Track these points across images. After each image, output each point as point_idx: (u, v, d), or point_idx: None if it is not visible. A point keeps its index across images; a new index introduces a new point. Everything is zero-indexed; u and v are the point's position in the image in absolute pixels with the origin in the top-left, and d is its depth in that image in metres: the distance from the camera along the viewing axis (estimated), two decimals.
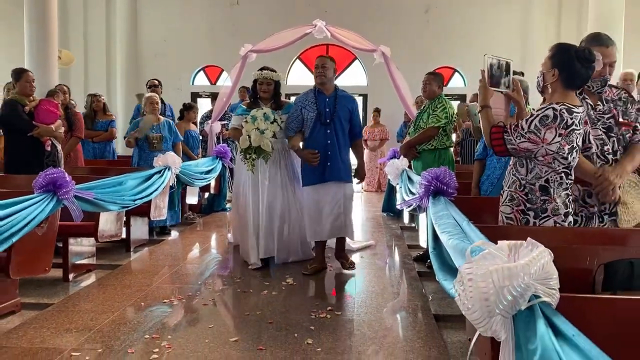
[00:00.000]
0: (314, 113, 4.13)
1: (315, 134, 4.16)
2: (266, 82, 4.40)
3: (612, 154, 2.66)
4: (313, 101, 4.17)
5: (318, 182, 4.16)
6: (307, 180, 4.23)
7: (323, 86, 4.19)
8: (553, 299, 1.26)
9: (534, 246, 1.32)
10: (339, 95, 4.23)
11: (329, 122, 4.11)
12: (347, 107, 4.24)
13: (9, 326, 3.05)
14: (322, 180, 4.15)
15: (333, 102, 4.17)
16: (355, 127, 4.32)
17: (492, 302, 1.25)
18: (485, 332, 1.31)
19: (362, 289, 3.88)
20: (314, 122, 4.14)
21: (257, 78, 4.45)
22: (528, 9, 11.09)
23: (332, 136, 4.12)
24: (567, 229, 2.47)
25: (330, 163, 4.12)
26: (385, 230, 6.15)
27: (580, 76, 2.44)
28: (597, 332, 1.20)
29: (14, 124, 4.76)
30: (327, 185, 4.16)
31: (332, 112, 4.13)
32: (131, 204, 4.20)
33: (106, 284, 3.90)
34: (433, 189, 3.17)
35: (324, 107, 4.15)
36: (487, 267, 1.29)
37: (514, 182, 2.59)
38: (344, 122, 4.19)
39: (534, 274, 1.25)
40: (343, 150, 4.22)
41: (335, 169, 4.14)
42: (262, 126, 4.11)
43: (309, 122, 4.16)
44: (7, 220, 2.88)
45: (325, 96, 4.18)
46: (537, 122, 2.41)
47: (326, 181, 4.15)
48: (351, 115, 4.25)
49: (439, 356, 2.70)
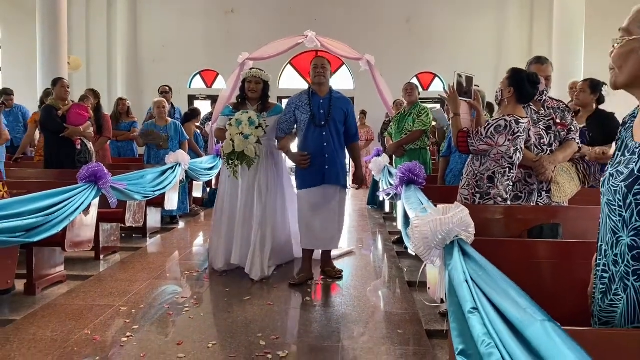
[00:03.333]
0: (308, 115, 3.99)
1: (310, 137, 4.01)
2: (255, 81, 4.22)
3: (548, 146, 3.43)
4: (307, 102, 4.03)
5: (315, 185, 4.00)
6: (303, 184, 4.06)
7: (319, 87, 4.05)
8: (468, 238, 1.99)
9: (458, 207, 2.06)
10: (333, 96, 4.08)
11: (324, 124, 3.99)
12: (343, 109, 4.08)
13: (61, 291, 3.74)
14: (318, 183, 4.00)
15: (327, 104, 4.03)
16: (351, 130, 4.17)
17: (430, 240, 1.99)
18: (427, 261, 2.05)
19: (350, 264, 4.62)
20: (308, 125, 4.00)
21: (246, 77, 4.29)
22: (502, 18, 11.95)
23: (327, 139, 3.99)
24: (507, 205, 3.23)
25: (328, 166, 3.99)
26: (369, 220, 6.92)
27: (529, 94, 3.21)
28: (505, 265, 1.92)
29: (48, 126, 5.44)
30: (324, 189, 4.02)
31: (327, 114, 4.00)
32: (151, 194, 4.90)
33: (131, 262, 4.60)
34: (406, 179, 3.91)
35: (317, 109, 4.01)
36: (427, 219, 2.03)
37: (470, 172, 3.35)
38: (339, 125, 4.05)
39: (456, 222, 1.99)
40: (339, 154, 4.09)
41: (334, 172, 4.01)
42: (246, 131, 3.95)
43: (303, 124, 4.02)
44: (62, 205, 3.56)
45: (319, 98, 4.04)
46: (492, 129, 3.16)
47: (322, 185, 4.01)
48: (346, 118, 4.11)
49: (408, 308, 3.46)
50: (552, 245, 2.31)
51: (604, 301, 1.44)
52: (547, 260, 2.23)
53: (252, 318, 3.22)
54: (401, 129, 5.66)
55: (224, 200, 4.33)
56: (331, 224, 4.06)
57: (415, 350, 2.79)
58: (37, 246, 3.60)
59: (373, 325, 3.17)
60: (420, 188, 3.82)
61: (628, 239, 1.35)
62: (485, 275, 1.56)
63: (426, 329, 3.06)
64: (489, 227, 2.91)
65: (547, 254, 2.25)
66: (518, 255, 2.27)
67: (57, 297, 3.60)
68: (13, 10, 10.66)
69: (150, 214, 5.69)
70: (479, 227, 2.56)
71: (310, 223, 4.03)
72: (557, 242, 2.50)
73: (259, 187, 4.18)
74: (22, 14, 10.39)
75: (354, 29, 11.34)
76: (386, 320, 3.27)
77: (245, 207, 4.19)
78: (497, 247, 2.24)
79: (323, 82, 4.05)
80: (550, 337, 1.12)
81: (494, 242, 2.32)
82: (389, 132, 5.88)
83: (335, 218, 4.08)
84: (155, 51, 12.11)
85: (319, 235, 4.04)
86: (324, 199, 4.03)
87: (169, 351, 2.73)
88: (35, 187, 4.01)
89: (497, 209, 3.05)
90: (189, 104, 11.71)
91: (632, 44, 1.38)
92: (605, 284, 1.44)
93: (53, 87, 5.65)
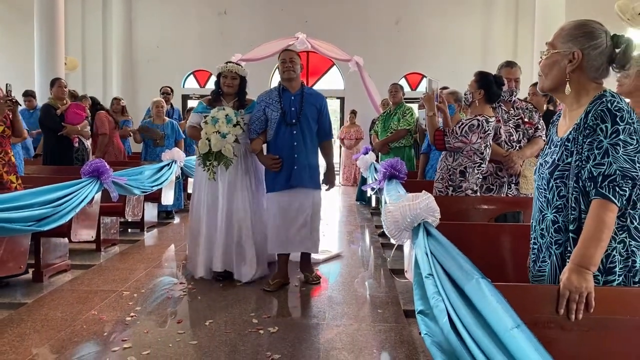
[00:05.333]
0: (278, 113, 3.76)
1: (279, 136, 3.78)
2: (231, 76, 3.95)
3: (517, 143, 3.75)
4: (277, 100, 3.80)
5: (283, 188, 3.80)
6: (271, 187, 3.87)
7: (290, 82, 3.82)
8: (434, 222, 2.30)
9: (425, 195, 2.36)
10: (305, 92, 3.85)
11: (295, 122, 3.75)
12: (315, 105, 3.85)
13: (66, 279, 4.01)
14: (287, 186, 3.79)
15: (299, 100, 3.79)
16: (325, 127, 3.94)
17: (400, 223, 2.29)
18: (398, 241, 2.36)
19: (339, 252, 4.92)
20: (278, 123, 3.77)
21: (221, 71, 3.99)
22: (488, 20, 12.30)
23: (298, 138, 3.76)
24: (476, 197, 3.55)
25: (296, 167, 3.76)
26: (357, 214, 7.23)
27: (496, 94, 3.53)
28: (469, 245, 2.22)
29: (47, 124, 5.70)
30: (293, 192, 3.80)
31: (298, 111, 3.77)
32: (149, 189, 5.18)
33: (130, 253, 4.87)
34: (388, 174, 4.22)
35: (289, 106, 3.77)
36: (398, 206, 2.33)
37: (443, 167, 3.66)
38: (311, 122, 3.82)
39: (423, 208, 2.29)
40: (311, 154, 3.86)
41: (302, 174, 3.78)
42: (223, 129, 3.72)
43: (273, 122, 3.79)
44: (69, 198, 3.83)
45: (290, 94, 3.81)
46: (467, 128, 3.46)
47: (292, 187, 3.79)
48: (319, 114, 3.87)
49: (389, 291, 3.76)
50: (510, 228, 2.63)
51: (535, 268, 1.75)
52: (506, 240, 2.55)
53: (244, 300, 3.52)
54: (387, 128, 6.03)
55: (202, 206, 3.99)
56: (303, 227, 3.81)
57: (392, 326, 3.10)
58: (45, 236, 3.87)
59: (356, 306, 3.47)
60: (402, 182, 4.13)
61: (551, 215, 1.66)
62: (442, 249, 1.87)
63: (404, 309, 3.37)
64: (461, 216, 3.21)
65: (505, 236, 2.56)
66: (481, 237, 2.59)
67: (63, 284, 3.87)
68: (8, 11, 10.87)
69: (148, 209, 5.95)
70: (452, 216, 2.91)
71: (280, 226, 3.81)
72: (513, 225, 2.82)
73: (241, 188, 3.94)
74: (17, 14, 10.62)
75: (343, 30, 11.65)
76: (368, 302, 3.57)
77: (228, 210, 3.91)
78: (463, 230, 2.55)
79: (293, 77, 3.80)
80: (481, 290, 1.43)
81: (460, 225, 2.63)
82: (375, 130, 6.20)
83: (308, 220, 3.83)
84: (150, 51, 12.35)
85: (290, 238, 3.81)
86: (294, 201, 3.81)
87: (169, 328, 3.02)
88: (37, 182, 4.28)
89: (467, 199, 3.37)
90: (182, 103, 11.97)
91: (556, 56, 1.68)
92: (535, 253, 1.75)
93: (51, 88, 5.91)
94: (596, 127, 1.55)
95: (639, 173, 1.50)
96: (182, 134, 6.88)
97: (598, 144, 1.54)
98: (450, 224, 2.46)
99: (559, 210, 1.64)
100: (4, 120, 3.80)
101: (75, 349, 2.72)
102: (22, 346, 2.73)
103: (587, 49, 1.63)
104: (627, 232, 1.57)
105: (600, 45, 1.63)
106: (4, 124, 3.80)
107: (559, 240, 1.64)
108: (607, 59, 1.65)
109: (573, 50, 1.64)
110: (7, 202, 3.15)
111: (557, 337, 1.43)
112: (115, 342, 2.79)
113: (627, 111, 1.55)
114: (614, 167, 1.50)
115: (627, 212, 1.57)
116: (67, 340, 2.82)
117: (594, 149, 1.54)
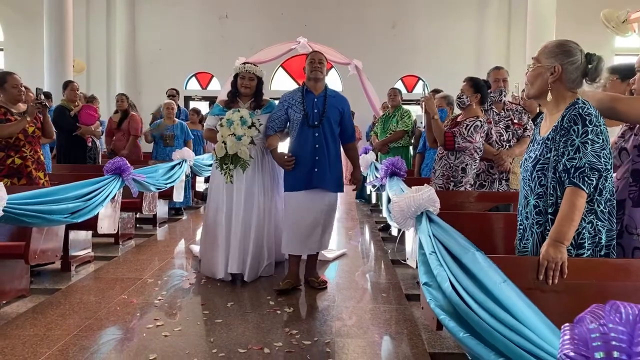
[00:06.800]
0: (301, 114, 3.75)
1: (302, 137, 3.76)
2: (248, 77, 3.96)
3: (507, 142, 4.10)
4: (300, 101, 3.78)
5: (303, 189, 3.77)
6: (290, 186, 3.83)
7: (315, 83, 3.80)
8: (435, 210, 2.63)
9: (427, 187, 2.70)
10: (328, 95, 3.83)
11: (317, 124, 3.74)
12: (338, 108, 3.84)
13: (91, 269, 4.33)
14: (307, 187, 3.76)
15: (322, 102, 3.78)
16: (348, 130, 3.94)
17: (405, 212, 2.62)
18: (404, 228, 2.70)
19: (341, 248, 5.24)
20: (301, 124, 3.76)
21: (239, 72, 4.00)
22: (482, 25, 12.70)
23: (320, 140, 3.74)
24: (473, 191, 3.90)
25: (317, 169, 3.73)
26: (358, 211, 7.59)
27: (487, 97, 3.89)
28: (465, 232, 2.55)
29: (61, 125, 5.99)
30: (312, 193, 3.77)
31: (321, 113, 3.75)
32: (163, 186, 5.49)
33: (147, 245, 5.19)
34: (390, 172, 4.56)
35: (311, 107, 3.76)
36: (403, 197, 2.67)
37: (445, 165, 4.01)
38: (334, 125, 3.80)
39: (425, 199, 2.63)
40: (333, 157, 3.80)
41: (323, 176, 3.75)
42: (239, 132, 3.74)
43: (295, 124, 3.79)
44: (96, 193, 4.14)
45: (313, 96, 3.79)
46: (472, 130, 3.81)
47: (311, 188, 3.77)
48: (342, 117, 3.86)
49: (391, 278, 4.10)
50: (502, 216, 2.98)
51: (520, 245, 2.10)
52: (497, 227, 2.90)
53: (261, 286, 3.84)
54: (386, 129, 6.41)
55: (219, 209, 4.00)
56: (316, 230, 3.80)
57: (396, 307, 3.43)
58: (73, 229, 4.18)
59: (362, 291, 3.81)
60: (402, 179, 4.47)
61: (533, 200, 2.00)
62: (442, 231, 2.20)
63: (405, 293, 3.70)
64: (458, 208, 3.56)
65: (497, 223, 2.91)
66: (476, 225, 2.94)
67: (90, 273, 4.18)
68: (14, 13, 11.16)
69: (160, 206, 6.26)
70: (450, 208, 3.26)
71: (295, 227, 3.80)
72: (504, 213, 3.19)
73: (257, 190, 3.98)
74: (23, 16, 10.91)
75: (342, 34, 12.01)
76: (373, 287, 3.91)
77: (245, 212, 3.94)
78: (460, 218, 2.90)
79: (320, 78, 3.80)
80: (476, 260, 1.77)
81: (458, 214, 2.98)
82: (375, 131, 6.57)
83: (322, 221, 3.82)
84: (153, 54, 12.65)
85: (305, 239, 3.80)
86: (311, 203, 3.77)
87: (195, 309, 3.34)
88: (60, 179, 4.60)
89: (466, 194, 3.73)
90: (184, 104, 12.27)
91: (540, 69, 2.03)
92: (521, 233, 2.10)
93: (64, 90, 6.21)
94: (570, 128, 1.89)
95: (603, 166, 1.85)
96: (190, 135, 7.20)
97: (571, 142, 1.88)
98: (448, 213, 2.80)
99: (540, 197, 1.98)
100: (34, 121, 4.10)
101: (113, 326, 3.04)
102: (64, 324, 3.05)
103: (565, 64, 1.98)
104: (595, 215, 1.92)
105: (577, 62, 1.98)
106: (34, 125, 4.10)
107: (539, 221, 1.99)
108: (582, 73, 1.99)
109: (554, 65, 1.99)
110: (45, 196, 3.45)
111: (537, 298, 1.77)
112: (148, 321, 3.11)
113: (595, 116, 1.89)
114: (584, 161, 1.85)
115: (595, 198, 1.91)
116: (105, 319, 3.14)
117: (568, 146, 1.89)
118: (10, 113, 3.98)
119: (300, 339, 2.85)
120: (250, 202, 3.96)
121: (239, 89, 4.02)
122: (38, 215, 3.24)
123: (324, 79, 3.89)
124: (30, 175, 4.11)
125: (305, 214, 3.78)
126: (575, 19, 10.32)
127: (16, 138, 3.97)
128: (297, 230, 3.79)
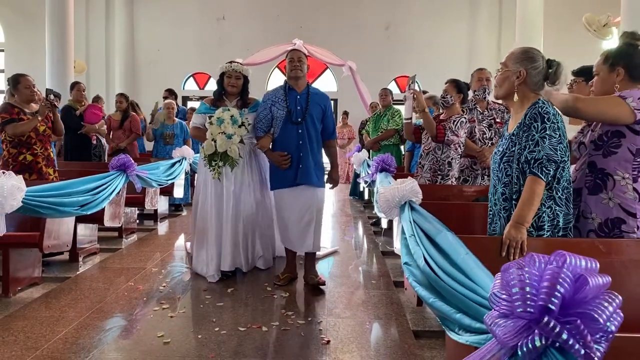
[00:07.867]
0: (284, 111, 3.79)
1: (285, 134, 3.81)
2: (235, 76, 3.98)
3: (489, 140, 4.38)
4: (283, 98, 3.82)
5: (288, 186, 3.82)
6: (276, 184, 3.90)
7: (296, 81, 3.83)
8: (417, 200, 2.90)
9: (410, 180, 2.97)
10: (311, 92, 3.87)
11: (300, 121, 3.78)
12: (320, 105, 3.89)
13: (97, 260, 4.57)
14: (293, 184, 3.81)
15: (305, 99, 3.82)
16: (329, 127, 3.98)
17: (390, 202, 2.89)
18: (389, 217, 2.97)
19: (334, 241, 5.51)
20: (284, 121, 3.80)
21: (225, 71, 4.02)
22: (473, 27, 13.01)
23: (303, 136, 3.79)
24: (458, 185, 4.18)
25: (302, 165, 3.78)
26: (351, 207, 7.86)
27: (467, 97, 4.17)
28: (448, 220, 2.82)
29: (67, 125, 6.23)
30: (298, 190, 3.82)
31: (304, 110, 3.80)
32: (164, 182, 5.74)
33: (149, 239, 5.44)
34: (380, 168, 4.83)
35: (294, 104, 3.80)
36: (389, 188, 2.93)
37: (432, 160, 4.30)
38: (316, 122, 3.85)
39: (408, 190, 2.90)
40: (316, 152, 3.88)
41: (308, 172, 3.79)
42: (229, 130, 3.78)
43: (279, 121, 3.82)
44: (103, 188, 4.38)
45: (296, 93, 3.82)
46: (459, 125, 4.10)
47: (297, 185, 3.81)
48: (324, 114, 3.92)
49: (381, 267, 4.38)
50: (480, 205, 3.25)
51: (490, 228, 2.37)
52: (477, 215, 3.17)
53: (258, 275, 4.11)
54: (377, 128, 6.68)
55: (208, 206, 4.04)
56: (306, 226, 3.83)
57: (384, 292, 3.70)
58: (81, 222, 4.43)
59: (353, 278, 4.08)
60: (392, 175, 4.74)
61: (500, 189, 2.28)
62: (421, 217, 2.47)
63: (394, 280, 3.97)
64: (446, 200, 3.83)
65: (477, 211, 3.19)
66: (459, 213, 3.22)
67: (97, 263, 4.43)
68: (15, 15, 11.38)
69: (161, 202, 6.51)
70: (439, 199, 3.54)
71: (287, 225, 3.87)
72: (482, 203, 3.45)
73: (247, 187, 4.06)
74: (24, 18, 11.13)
75: (336, 36, 12.28)
76: (364, 276, 4.18)
77: (235, 210, 4.01)
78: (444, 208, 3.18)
79: (300, 76, 3.82)
80: (448, 239, 2.04)
81: (442, 204, 3.27)
82: (367, 130, 6.85)
83: (313, 217, 3.85)
84: (151, 55, 12.89)
85: (297, 236, 3.86)
86: (298, 199, 3.83)
87: (198, 294, 3.60)
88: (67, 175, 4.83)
89: (449, 187, 4.02)
90: (182, 104, 12.50)
91: (508, 73, 2.30)
92: (491, 217, 2.37)
93: (71, 91, 6.48)
94: (530, 125, 2.16)
95: (559, 158, 2.12)
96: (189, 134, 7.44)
97: (532, 137, 2.15)
98: (434, 203, 3.07)
99: (506, 185, 2.25)
100: (45, 120, 4.35)
101: (123, 309, 3.29)
102: (77, 306, 3.30)
103: (529, 69, 2.25)
104: (553, 200, 2.19)
105: (539, 67, 2.25)
106: (45, 124, 4.35)
107: (506, 207, 2.26)
108: (543, 77, 2.26)
109: (520, 69, 2.26)
110: (57, 189, 3.70)
111: None
112: (154, 304, 3.37)
113: (552, 114, 2.16)
114: (542, 153, 2.12)
115: (553, 186, 2.18)
116: (114, 302, 3.40)
117: (529, 141, 2.16)
118: (23, 113, 4.23)
119: (295, 319, 3.12)
120: (239, 199, 4.02)
121: (225, 87, 4.05)
122: (52, 207, 3.48)
123: (305, 76, 3.91)
124: (40, 171, 4.36)
125: (295, 211, 3.83)
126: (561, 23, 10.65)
127: (28, 136, 4.23)
128: (290, 227, 3.86)
